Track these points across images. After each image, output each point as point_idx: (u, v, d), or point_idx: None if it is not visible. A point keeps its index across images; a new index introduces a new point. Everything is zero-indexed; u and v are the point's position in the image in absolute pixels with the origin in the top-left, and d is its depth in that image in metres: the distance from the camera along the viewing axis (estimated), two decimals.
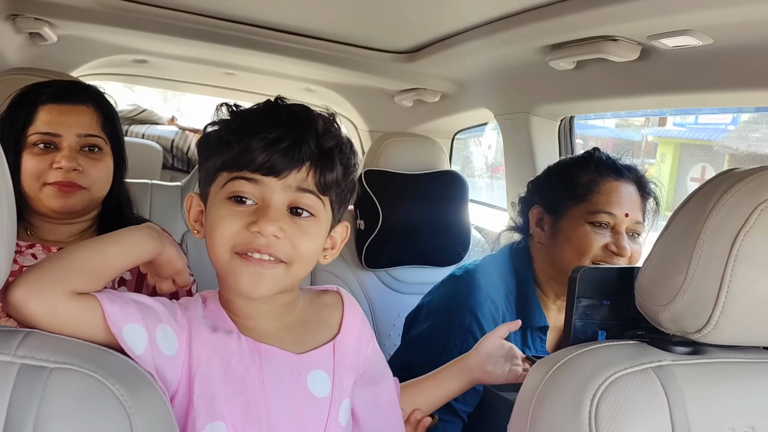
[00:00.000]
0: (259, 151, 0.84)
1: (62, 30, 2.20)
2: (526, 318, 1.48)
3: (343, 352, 0.98)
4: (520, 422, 0.85)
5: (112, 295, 0.82)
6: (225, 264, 0.87)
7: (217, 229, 0.86)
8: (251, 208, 0.86)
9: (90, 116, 1.36)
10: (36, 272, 0.78)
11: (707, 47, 1.35)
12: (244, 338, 0.90)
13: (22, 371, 0.67)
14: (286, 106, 0.91)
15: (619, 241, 1.43)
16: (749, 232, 0.77)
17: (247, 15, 2.09)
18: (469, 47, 1.89)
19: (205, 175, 0.92)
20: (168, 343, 0.85)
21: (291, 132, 0.86)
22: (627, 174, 1.48)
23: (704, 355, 0.86)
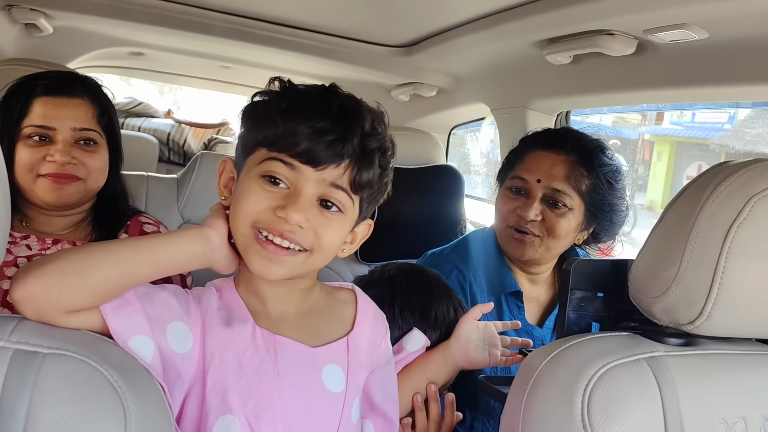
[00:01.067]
0: (302, 138, 0.83)
1: (58, 21, 2.20)
2: (498, 285, 1.54)
3: (357, 348, 0.97)
4: (513, 413, 0.85)
5: (123, 300, 0.80)
6: (243, 238, 0.86)
7: (243, 202, 0.85)
8: (282, 191, 0.85)
9: (85, 109, 1.36)
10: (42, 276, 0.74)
11: (703, 41, 1.35)
12: (259, 330, 0.89)
13: (15, 356, 0.67)
14: (339, 95, 0.89)
15: (526, 205, 1.48)
16: (742, 225, 0.78)
17: (244, 8, 2.09)
18: (466, 41, 1.89)
19: (243, 146, 0.90)
20: (182, 341, 0.83)
21: (339, 125, 0.85)
22: (560, 146, 1.50)
23: (697, 346, 0.87)
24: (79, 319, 0.76)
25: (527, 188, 1.50)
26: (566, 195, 1.46)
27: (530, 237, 1.49)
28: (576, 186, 1.46)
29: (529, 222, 1.48)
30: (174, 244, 0.84)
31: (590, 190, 1.47)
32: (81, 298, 0.75)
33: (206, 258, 0.86)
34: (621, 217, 1.54)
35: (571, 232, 1.49)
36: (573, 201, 1.47)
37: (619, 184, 1.51)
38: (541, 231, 1.48)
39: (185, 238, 0.86)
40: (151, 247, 0.83)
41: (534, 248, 1.50)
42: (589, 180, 1.47)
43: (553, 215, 1.47)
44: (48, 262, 0.75)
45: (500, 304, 1.55)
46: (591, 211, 1.48)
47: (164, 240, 0.85)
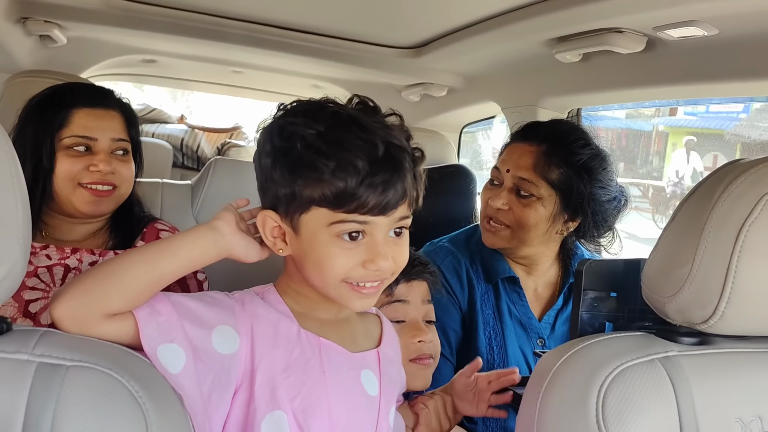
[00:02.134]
0: (369, 197, 0.84)
1: (72, 32, 2.22)
2: (493, 271, 1.57)
3: (386, 361, 1.02)
4: (528, 414, 0.86)
5: (154, 310, 0.84)
6: (332, 289, 0.90)
7: (329, 265, 0.87)
8: (361, 243, 0.87)
9: (120, 121, 1.42)
10: (77, 291, 0.80)
11: (713, 38, 1.35)
12: (304, 332, 0.93)
13: (39, 369, 0.68)
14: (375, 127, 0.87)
15: (495, 194, 1.52)
16: (754, 223, 0.77)
17: (255, 13, 2.10)
18: (476, 41, 1.89)
19: (290, 198, 0.87)
20: (228, 343, 0.87)
21: (393, 168, 0.85)
22: (531, 137, 1.52)
23: (711, 345, 0.87)
24: (114, 326, 0.81)
25: (501, 179, 1.53)
26: (532, 184, 1.46)
27: (499, 227, 1.52)
28: (543, 175, 1.46)
29: (498, 211, 1.50)
30: (188, 240, 0.88)
31: (561, 179, 1.46)
32: (116, 298, 0.80)
33: (220, 246, 0.89)
34: (606, 208, 1.51)
35: (541, 222, 1.48)
36: (540, 190, 1.46)
37: (599, 173, 1.48)
38: (509, 220, 1.50)
39: (196, 231, 0.90)
40: (170, 243, 0.88)
41: (503, 238, 1.52)
42: (559, 169, 1.46)
43: (519, 205, 1.48)
44: (82, 275, 0.83)
45: (498, 290, 1.57)
46: (565, 201, 1.47)
47: (179, 237, 0.89)
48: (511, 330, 1.54)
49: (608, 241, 1.58)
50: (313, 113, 0.88)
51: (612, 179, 1.51)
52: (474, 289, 1.56)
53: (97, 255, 1.37)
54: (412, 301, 1.27)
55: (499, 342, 1.53)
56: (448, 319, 1.53)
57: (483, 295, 1.56)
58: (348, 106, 0.91)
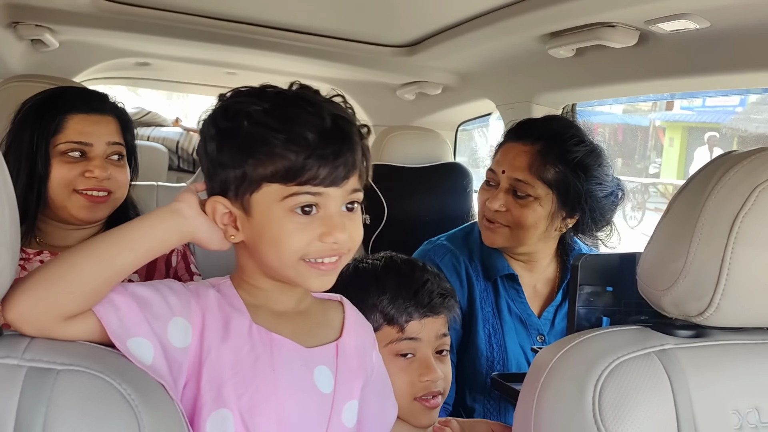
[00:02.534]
0: (320, 168, 0.83)
1: (64, 36, 2.21)
2: (492, 269, 1.57)
3: (345, 354, 0.98)
4: (525, 409, 0.86)
5: (113, 305, 0.81)
6: (290, 269, 0.88)
7: (286, 242, 0.86)
8: (316, 216, 0.86)
9: (115, 125, 1.41)
10: (27, 291, 0.75)
11: (704, 30, 1.35)
12: (256, 327, 0.90)
13: (30, 374, 0.68)
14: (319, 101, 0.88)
15: (492, 195, 1.52)
16: (748, 214, 0.77)
17: (248, 14, 2.10)
18: (469, 38, 1.89)
19: (240, 179, 0.86)
20: (182, 336, 0.85)
21: (342, 140, 0.85)
22: (525, 136, 1.51)
23: (707, 337, 0.87)
24: (77, 327, 0.78)
25: (497, 180, 1.53)
26: (528, 185, 1.46)
27: (497, 226, 1.52)
28: (539, 175, 1.46)
29: (495, 212, 1.50)
30: (146, 226, 0.85)
31: (556, 178, 1.46)
32: (70, 302, 0.77)
33: (183, 230, 0.86)
34: (603, 204, 1.51)
35: (540, 221, 1.48)
36: (537, 190, 1.46)
37: (593, 170, 1.48)
38: (508, 221, 1.50)
39: (155, 216, 0.86)
40: (125, 233, 0.83)
41: (503, 237, 1.52)
42: (554, 168, 1.46)
43: (516, 205, 1.48)
44: (31, 276, 0.77)
45: (497, 288, 1.57)
46: (562, 199, 1.47)
47: (136, 224, 0.85)
48: (511, 327, 1.54)
49: (606, 235, 1.58)
50: (257, 94, 0.88)
51: (608, 174, 1.51)
52: (473, 287, 1.56)
53: None
54: (424, 338, 1.17)
55: (499, 339, 1.53)
56: None
57: (482, 292, 1.56)
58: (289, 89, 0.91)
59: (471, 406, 1.51)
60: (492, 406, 1.51)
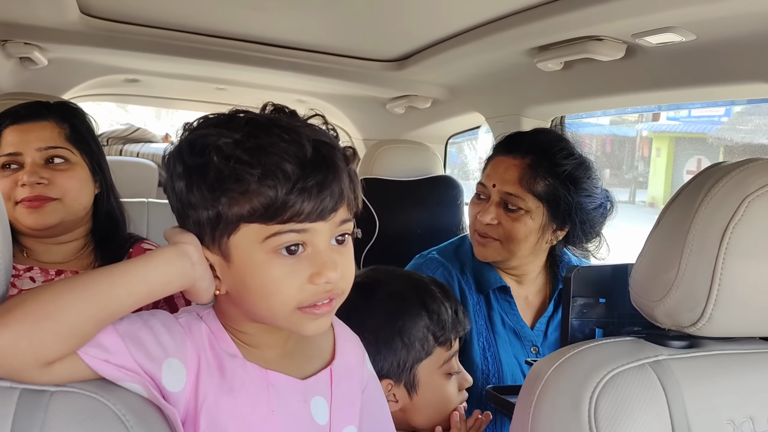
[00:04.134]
0: (303, 204, 0.75)
1: (52, 53, 2.21)
2: (484, 282, 1.58)
3: (339, 377, 0.93)
4: (521, 423, 0.86)
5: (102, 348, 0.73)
6: (283, 320, 0.80)
7: (276, 292, 0.77)
8: (302, 255, 0.78)
9: (51, 130, 1.36)
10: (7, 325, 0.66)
11: (691, 43, 1.36)
12: (250, 365, 0.84)
13: (23, 396, 0.68)
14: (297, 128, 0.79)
15: (484, 209, 1.52)
16: (738, 225, 0.78)
17: (237, 30, 2.10)
18: (458, 52, 1.91)
19: (214, 221, 0.77)
20: (176, 379, 0.78)
21: (325, 170, 0.77)
22: (515, 150, 1.51)
23: (700, 348, 0.87)
24: (57, 371, 0.70)
25: (487, 193, 1.53)
26: (519, 198, 1.47)
27: (489, 240, 1.52)
28: (530, 188, 1.47)
29: (487, 226, 1.51)
30: (150, 267, 0.76)
31: (547, 191, 1.47)
32: (54, 344, 0.68)
33: (187, 276, 0.78)
34: (593, 216, 1.52)
35: (531, 234, 1.49)
36: (528, 203, 1.47)
37: (583, 183, 1.49)
38: (499, 234, 1.50)
39: (160, 257, 0.77)
40: (125, 273, 0.74)
41: (495, 251, 1.53)
42: (544, 181, 1.46)
43: (508, 219, 1.49)
44: (15, 307, 0.67)
45: (489, 300, 1.57)
46: (553, 212, 1.48)
47: (139, 264, 0.76)
48: (505, 339, 1.54)
49: (595, 246, 1.59)
50: (225, 122, 0.79)
51: (597, 186, 1.52)
52: (466, 301, 1.56)
53: None
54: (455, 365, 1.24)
55: (494, 352, 1.53)
56: None
57: (475, 305, 1.56)
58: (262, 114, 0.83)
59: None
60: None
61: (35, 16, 1.89)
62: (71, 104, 1.46)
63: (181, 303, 1.39)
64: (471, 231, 1.59)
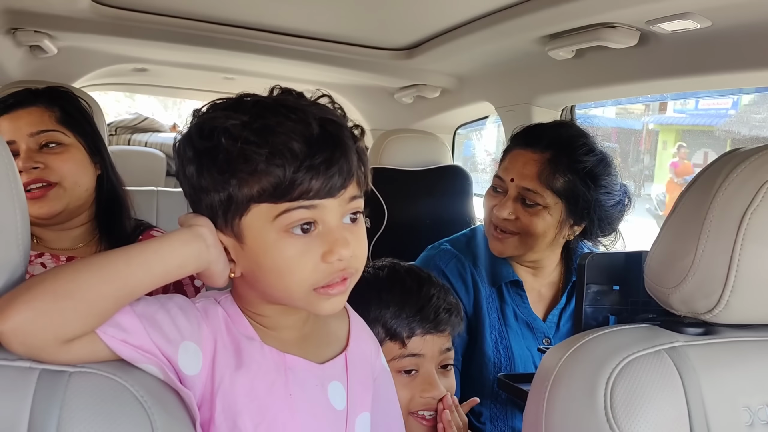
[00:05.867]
0: (312, 181, 0.75)
1: (62, 42, 2.21)
2: (497, 275, 1.56)
3: (355, 363, 0.93)
4: (535, 410, 0.85)
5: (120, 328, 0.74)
6: (300, 300, 0.81)
7: (290, 272, 0.78)
8: (314, 234, 0.78)
9: (40, 114, 1.35)
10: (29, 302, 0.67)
11: (706, 30, 1.35)
12: (267, 348, 0.84)
13: (42, 376, 0.68)
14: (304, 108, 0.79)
15: (501, 203, 1.49)
16: (756, 211, 0.77)
17: (245, 18, 2.10)
18: (468, 41, 1.90)
19: (226, 203, 0.78)
20: (192, 362, 0.79)
21: (335, 149, 0.77)
22: (535, 144, 1.48)
23: (716, 335, 0.87)
24: (76, 350, 0.70)
25: (504, 187, 1.50)
26: (537, 194, 1.44)
27: (506, 236, 1.50)
28: (548, 184, 1.44)
29: (504, 220, 1.48)
30: (166, 247, 0.77)
31: (566, 187, 1.44)
32: (74, 321, 0.69)
33: (202, 258, 0.78)
34: (611, 213, 1.50)
35: (549, 230, 1.47)
36: (546, 199, 1.44)
37: (603, 178, 1.46)
38: (517, 228, 1.48)
39: (176, 238, 0.78)
40: (142, 252, 0.76)
41: (512, 245, 1.50)
42: (564, 177, 1.44)
43: (526, 214, 1.46)
44: (35, 285, 0.68)
45: (502, 294, 1.56)
46: (571, 208, 1.46)
47: (155, 244, 0.77)
48: (517, 332, 1.54)
49: (611, 241, 1.57)
50: (233, 106, 0.80)
51: (616, 183, 1.49)
52: (479, 293, 1.54)
53: None
54: (427, 354, 1.15)
55: (506, 344, 1.52)
56: None
57: (488, 298, 1.55)
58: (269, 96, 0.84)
59: (478, 410, 1.50)
60: (498, 409, 1.50)
61: (46, 3, 1.89)
62: (60, 87, 1.44)
63: (190, 291, 1.40)
64: (486, 224, 1.57)
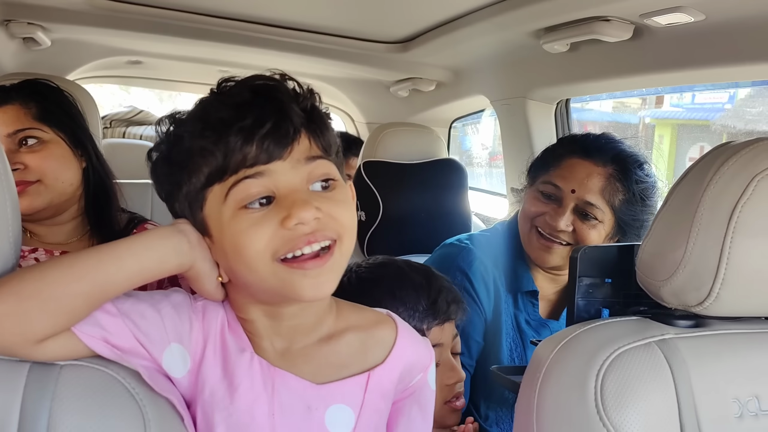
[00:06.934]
0: (243, 144, 0.70)
1: (55, 34, 2.20)
2: (515, 282, 1.52)
3: (379, 385, 0.84)
4: (526, 401, 0.86)
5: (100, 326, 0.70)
6: (271, 277, 0.72)
7: (245, 246, 0.71)
8: (271, 206, 0.72)
9: (15, 112, 1.32)
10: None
11: (700, 23, 1.35)
12: (257, 359, 0.78)
13: (33, 370, 0.68)
14: (242, 84, 0.75)
15: (557, 214, 1.44)
16: (747, 204, 0.78)
17: (240, 11, 2.09)
18: (463, 34, 1.89)
19: (187, 204, 0.75)
20: (179, 365, 0.75)
21: (265, 107, 0.72)
22: (598, 156, 1.44)
23: (706, 327, 0.87)
24: (53, 348, 0.69)
25: (560, 196, 1.45)
26: (598, 209, 1.42)
27: (557, 246, 1.46)
28: (609, 200, 1.42)
29: (559, 231, 1.44)
30: (140, 243, 0.72)
31: (622, 204, 1.42)
32: (43, 321, 0.66)
33: (183, 255, 0.74)
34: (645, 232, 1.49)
35: (598, 243, 1.44)
36: (604, 215, 1.42)
37: (651, 200, 1.46)
38: (570, 240, 1.45)
39: (154, 233, 0.74)
40: (114, 248, 0.71)
41: (559, 256, 1.47)
42: (623, 195, 1.42)
43: (584, 227, 1.43)
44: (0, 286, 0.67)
45: (516, 300, 1.53)
46: (620, 225, 1.44)
47: (130, 241, 0.73)
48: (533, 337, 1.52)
49: None
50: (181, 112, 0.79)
51: (656, 206, 1.47)
52: (500, 299, 1.51)
53: None
54: (445, 342, 1.17)
55: (520, 353, 1.51)
56: (470, 329, 1.45)
57: (504, 303, 1.52)
58: None
59: (485, 414, 1.49)
60: (505, 414, 1.49)
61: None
62: (38, 81, 1.42)
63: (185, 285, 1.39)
64: (526, 228, 1.51)
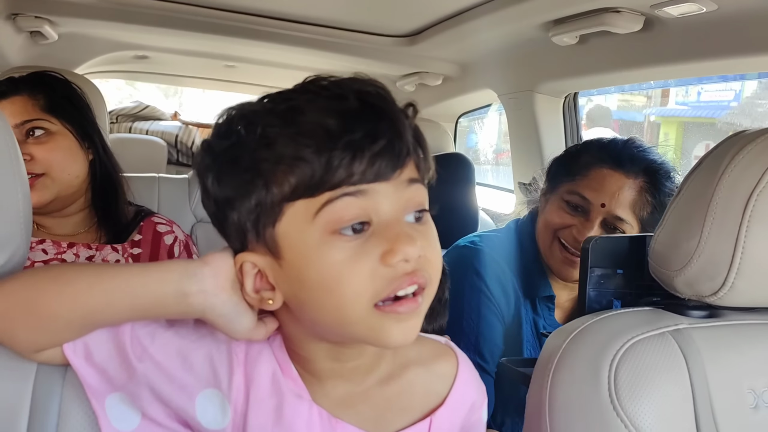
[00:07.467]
0: (352, 160, 0.58)
1: (63, 28, 2.20)
2: (533, 288, 1.47)
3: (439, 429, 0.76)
4: (538, 393, 0.85)
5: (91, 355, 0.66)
6: (359, 323, 0.61)
7: (341, 283, 0.59)
8: (368, 232, 0.60)
9: (23, 103, 1.32)
10: None
11: (712, 13, 1.34)
12: (317, 409, 0.68)
13: (40, 371, 0.69)
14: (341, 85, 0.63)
15: (584, 228, 1.37)
16: (762, 193, 0.77)
17: (247, 4, 2.09)
18: (470, 27, 1.88)
19: (254, 211, 0.61)
20: (215, 414, 0.66)
21: (380, 121, 0.61)
22: (629, 168, 1.37)
23: (721, 318, 0.86)
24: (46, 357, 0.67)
25: (588, 209, 1.38)
26: (627, 223, 1.36)
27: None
28: (638, 214, 1.37)
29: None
30: (136, 280, 0.63)
31: (649, 216, 1.37)
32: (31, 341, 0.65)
33: (189, 306, 0.63)
34: None
35: None
36: (632, 228, 1.37)
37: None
38: None
39: (155, 272, 0.64)
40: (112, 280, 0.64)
41: None
42: (652, 207, 1.37)
43: None
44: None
45: (535, 305, 1.50)
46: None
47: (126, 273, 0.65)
48: None
49: None
50: (251, 103, 0.65)
51: None
52: (520, 304, 1.47)
53: (94, 249, 1.35)
54: None
55: None
56: (488, 331, 1.40)
57: (524, 308, 1.48)
58: None
59: (501, 420, 1.45)
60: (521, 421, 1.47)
61: None
62: (45, 73, 1.42)
63: None
64: (548, 239, 1.45)
